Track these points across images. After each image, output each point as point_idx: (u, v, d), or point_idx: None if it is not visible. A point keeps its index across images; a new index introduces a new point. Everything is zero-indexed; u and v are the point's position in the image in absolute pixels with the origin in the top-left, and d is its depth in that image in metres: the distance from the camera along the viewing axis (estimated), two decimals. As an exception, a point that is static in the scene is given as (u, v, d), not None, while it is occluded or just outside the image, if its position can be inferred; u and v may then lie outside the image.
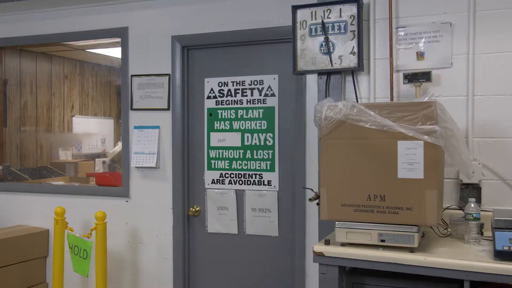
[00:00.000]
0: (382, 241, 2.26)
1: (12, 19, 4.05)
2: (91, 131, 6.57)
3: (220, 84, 3.48)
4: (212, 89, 3.51)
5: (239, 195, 3.44)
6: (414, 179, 2.19)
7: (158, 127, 3.59)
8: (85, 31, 3.80)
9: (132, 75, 3.66)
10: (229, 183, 3.46)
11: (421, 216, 2.19)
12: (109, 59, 6.33)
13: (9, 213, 4.10)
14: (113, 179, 3.85)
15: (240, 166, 3.43)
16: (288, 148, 3.31)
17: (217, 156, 3.49)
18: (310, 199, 2.84)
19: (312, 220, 3.15)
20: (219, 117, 3.49)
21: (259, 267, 3.41)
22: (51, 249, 3.94)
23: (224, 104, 3.47)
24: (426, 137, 2.15)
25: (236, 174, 3.44)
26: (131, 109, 3.67)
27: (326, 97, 2.92)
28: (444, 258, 2.13)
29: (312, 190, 2.92)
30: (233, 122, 3.45)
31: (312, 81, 3.14)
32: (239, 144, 3.43)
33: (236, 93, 3.44)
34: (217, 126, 3.49)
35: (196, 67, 3.55)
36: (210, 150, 3.51)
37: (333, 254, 2.31)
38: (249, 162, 3.41)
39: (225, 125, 3.47)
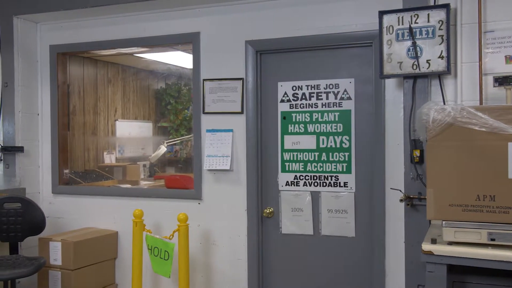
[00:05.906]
0: (492, 240, 2.33)
1: (80, 24, 4.11)
2: (132, 134, 6.64)
3: (294, 88, 3.55)
4: (285, 93, 3.58)
5: (314, 196, 3.50)
6: (525, 180, 2.27)
7: (231, 130, 3.65)
8: (155, 37, 3.86)
9: (204, 79, 3.72)
10: (304, 185, 3.53)
11: (533, 215, 2.26)
12: (149, 63, 6.40)
13: (76, 215, 4.17)
14: (184, 182, 3.91)
15: (315, 168, 3.50)
16: (365, 150, 3.37)
17: (291, 159, 3.56)
18: (401, 200, 2.92)
19: (392, 220, 3.21)
20: (293, 120, 3.55)
21: (335, 267, 3.47)
22: (120, 251, 4.01)
23: (298, 108, 3.54)
24: (539, 138, 2.23)
25: (311, 176, 3.51)
26: (203, 112, 3.73)
27: (412, 100, 2.99)
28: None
29: (400, 191, 2.99)
30: (307, 125, 3.52)
31: (391, 84, 3.21)
32: (314, 147, 3.50)
33: (311, 96, 3.51)
34: (291, 129, 3.56)
35: (269, 71, 3.62)
36: (284, 153, 3.58)
37: (442, 253, 2.37)
38: (324, 164, 3.47)
39: (299, 128, 3.54)
